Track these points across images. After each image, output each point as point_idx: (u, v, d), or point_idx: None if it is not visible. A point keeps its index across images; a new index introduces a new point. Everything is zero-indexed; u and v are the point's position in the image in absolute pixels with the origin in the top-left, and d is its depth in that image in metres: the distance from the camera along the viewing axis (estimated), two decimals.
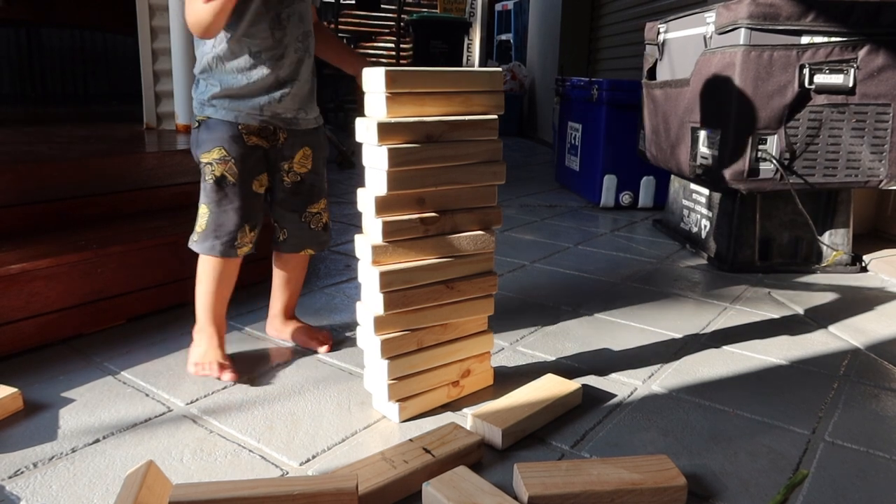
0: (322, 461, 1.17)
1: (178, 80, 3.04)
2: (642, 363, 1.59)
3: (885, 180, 2.24)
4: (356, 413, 1.34)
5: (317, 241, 1.59)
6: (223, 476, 1.12)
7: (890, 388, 1.50)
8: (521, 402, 1.30)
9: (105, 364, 1.51)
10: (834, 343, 1.75)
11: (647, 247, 2.71)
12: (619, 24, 5.42)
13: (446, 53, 7.14)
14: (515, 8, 8.55)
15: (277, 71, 1.40)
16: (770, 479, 1.15)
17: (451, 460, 1.12)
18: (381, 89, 1.18)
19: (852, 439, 1.28)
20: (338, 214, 3.15)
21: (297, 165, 1.51)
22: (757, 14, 2.10)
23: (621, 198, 3.44)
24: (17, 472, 1.12)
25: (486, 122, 1.29)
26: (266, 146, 1.45)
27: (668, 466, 1.10)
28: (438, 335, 1.33)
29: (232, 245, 1.44)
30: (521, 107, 7.37)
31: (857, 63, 2.14)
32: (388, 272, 1.23)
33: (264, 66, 1.38)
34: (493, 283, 1.37)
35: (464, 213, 1.31)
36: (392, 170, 1.20)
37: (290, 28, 1.39)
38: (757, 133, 2.18)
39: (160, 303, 1.82)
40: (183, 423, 1.28)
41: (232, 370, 1.46)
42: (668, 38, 2.74)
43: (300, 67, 1.44)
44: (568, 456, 1.21)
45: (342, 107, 7.84)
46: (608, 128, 3.35)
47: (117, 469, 1.13)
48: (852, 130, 2.20)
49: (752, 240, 2.37)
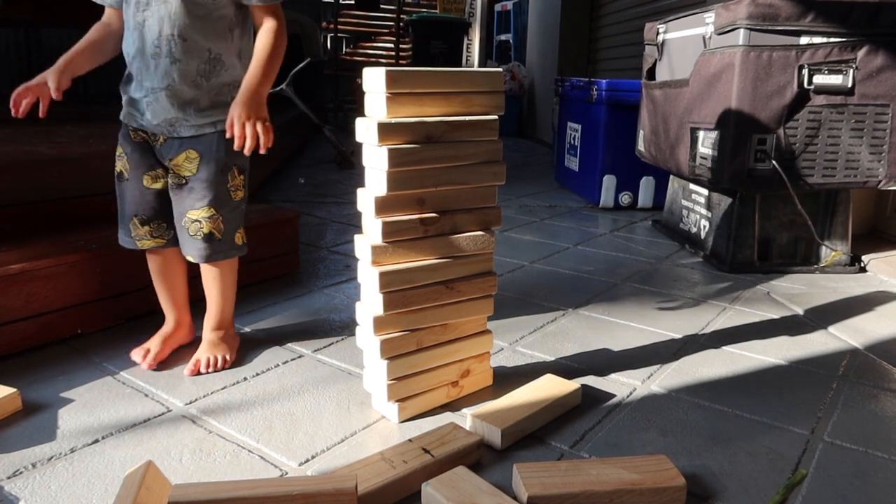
0: (321, 461, 1.17)
1: None
2: (641, 363, 1.60)
3: (884, 180, 2.24)
4: (355, 413, 1.34)
5: (194, 248, 1.46)
6: (222, 476, 1.12)
7: (889, 389, 1.50)
8: (520, 402, 1.31)
9: (104, 364, 1.51)
10: (833, 343, 1.75)
11: (647, 247, 2.72)
12: (619, 24, 5.42)
13: (446, 54, 7.15)
14: (515, 8, 8.55)
15: (140, 77, 1.40)
16: (769, 479, 1.15)
17: (451, 460, 1.12)
18: (381, 89, 1.18)
19: (851, 439, 1.28)
20: (337, 214, 3.15)
21: (180, 168, 1.44)
22: (756, 14, 2.10)
23: (621, 198, 3.45)
24: (16, 473, 1.12)
25: (487, 123, 1.29)
26: (151, 143, 1.46)
27: (667, 467, 1.10)
28: (438, 335, 1.33)
29: (129, 236, 1.50)
30: (521, 107, 7.37)
31: (856, 63, 2.14)
32: (388, 272, 1.23)
33: (131, 70, 1.42)
34: (492, 284, 1.37)
35: (463, 213, 1.31)
36: (392, 170, 1.20)
37: (147, 33, 1.37)
38: (756, 133, 2.18)
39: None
40: (182, 424, 1.28)
41: (150, 358, 1.49)
42: (668, 39, 2.74)
43: (169, 75, 1.37)
44: (567, 456, 1.21)
45: (342, 107, 7.85)
46: (607, 128, 3.35)
47: (116, 469, 1.13)
48: (851, 131, 2.20)
49: (751, 240, 2.38)
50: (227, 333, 1.57)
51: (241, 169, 1.49)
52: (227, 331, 1.58)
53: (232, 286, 1.57)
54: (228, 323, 1.58)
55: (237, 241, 1.52)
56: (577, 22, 6.11)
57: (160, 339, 1.55)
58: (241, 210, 1.52)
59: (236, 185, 1.48)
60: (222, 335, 1.56)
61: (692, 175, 2.48)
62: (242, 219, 1.53)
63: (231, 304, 1.58)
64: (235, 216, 1.50)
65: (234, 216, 1.49)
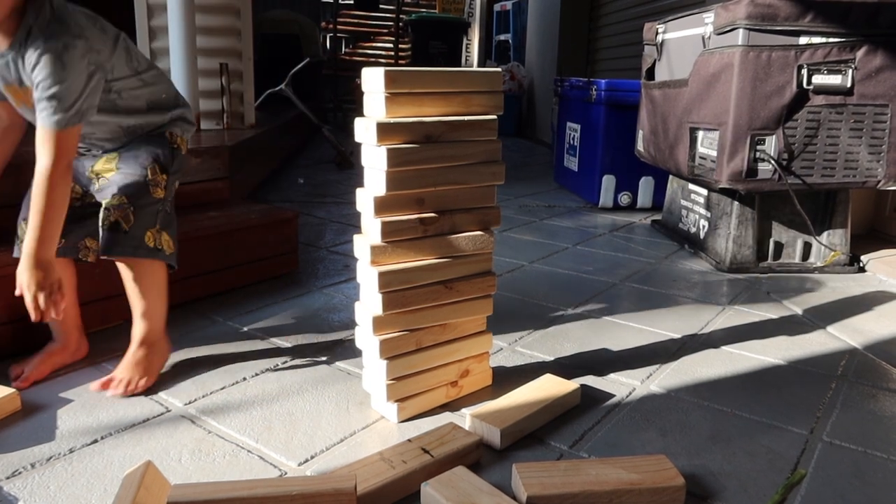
0: (320, 461, 1.17)
1: (177, 79, 3.04)
2: (641, 363, 1.60)
3: (883, 180, 2.24)
4: (355, 413, 1.34)
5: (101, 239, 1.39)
6: (221, 476, 1.12)
7: (888, 388, 1.50)
8: (519, 402, 1.31)
9: (104, 364, 1.51)
10: (832, 343, 1.75)
11: (646, 247, 2.72)
12: (618, 24, 5.42)
13: (445, 54, 7.15)
14: (514, 8, 8.55)
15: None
16: (768, 478, 1.15)
17: (450, 460, 1.12)
18: (380, 89, 1.18)
19: (850, 439, 1.28)
20: (336, 214, 3.15)
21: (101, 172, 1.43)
22: (755, 14, 2.10)
23: (620, 198, 3.45)
24: (15, 473, 1.11)
25: (486, 123, 1.29)
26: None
27: (666, 466, 1.10)
28: (437, 335, 1.33)
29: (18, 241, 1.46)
30: (520, 107, 7.38)
31: (855, 63, 2.14)
32: (387, 272, 1.23)
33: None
34: (491, 284, 1.37)
35: (463, 213, 1.31)
36: (391, 170, 1.20)
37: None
38: (755, 133, 2.18)
39: None
40: (181, 424, 1.28)
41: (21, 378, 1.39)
42: (667, 39, 2.74)
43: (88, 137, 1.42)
44: (566, 456, 1.21)
45: (341, 107, 7.85)
46: (607, 128, 3.35)
47: (115, 469, 1.13)
48: (850, 131, 2.20)
49: (750, 240, 2.38)
50: (154, 348, 1.44)
51: (162, 167, 1.43)
52: (154, 345, 1.45)
53: (157, 297, 1.44)
54: (155, 337, 1.45)
55: (147, 241, 1.38)
56: (576, 22, 6.12)
57: (39, 358, 1.46)
58: (160, 211, 1.42)
59: (156, 182, 1.41)
60: (145, 353, 1.43)
61: (691, 175, 2.48)
62: (161, 222, 1.42)
63: (158, 316, 1.45)
64: (149, 213, 1.39)
65: (148, 213, 1.39)
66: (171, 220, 1.47)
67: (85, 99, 1.27)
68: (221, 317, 1.83)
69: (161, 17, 3.08)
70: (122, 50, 1.37)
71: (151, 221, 1.40)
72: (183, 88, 3.04)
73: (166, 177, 1.44)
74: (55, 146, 1.25)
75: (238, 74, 3.39)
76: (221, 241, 2.00)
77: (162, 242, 1.42)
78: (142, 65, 1.42)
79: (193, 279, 1.92)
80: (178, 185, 1.52)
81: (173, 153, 1.48)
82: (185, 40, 2.99)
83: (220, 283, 2.00)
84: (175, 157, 1.48)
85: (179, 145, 1.51)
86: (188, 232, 1.93)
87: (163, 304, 1.47)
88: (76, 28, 1.25)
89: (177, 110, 1.51)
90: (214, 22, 3.27)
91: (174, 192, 1.50)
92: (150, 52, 3.15)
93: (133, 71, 1.40)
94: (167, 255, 1.43)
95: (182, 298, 1.90)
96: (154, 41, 3.15)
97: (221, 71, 3.26)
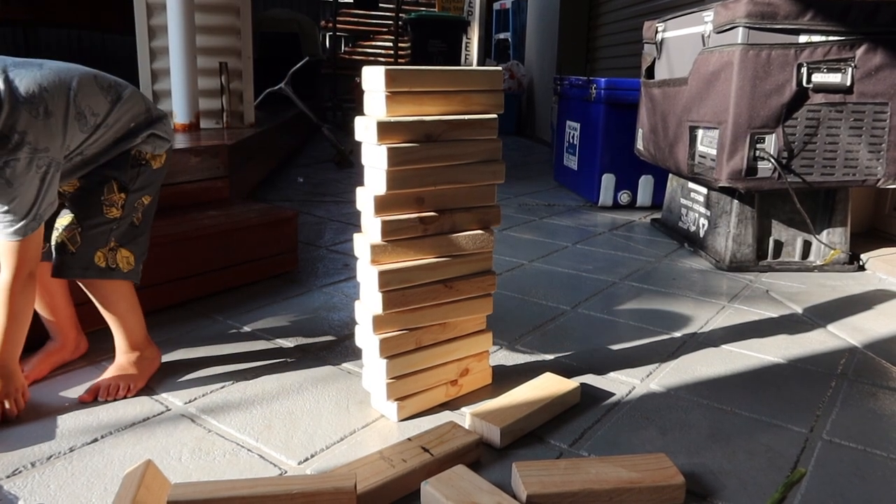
0: (320, 460, 1.17)
1: (176, 79, 3.04)
2: (640, 362, 1.60)
3: (883, 179, 2.24)
4: (355, 412, 1.34)
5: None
6: (222, 475, 1.12)
7: (888, 387, 1.50)
8: (519, 400, 1.31)
9: (104, 363, 1.51)
10: (832, 342, 1.75)
11: (646, 246, 2.72)
12: (618, 22, 5.42)
13: (445, 52, 7.15)
14: (514, 7, 8.54)
15: None
16: (768, 477, 1.15)
17: (450, 459, 1.12)
18: (380, 88, 1.18)
19: (850, 438, 1.28)
20: (336, 213, 3.15)
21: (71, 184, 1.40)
22: (755, 13, 2.10)
23: (619, 197, 3.45)
24: (15, 472, 1.12)
25: (486, 122, 1.29)
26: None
27: (666, 465, 1.10)
28: (437, 334, 1.33)
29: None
30: (520, 106, 7.37)
31: (854, 62, 2.14)
32: (387, 271, 1.23)
33: None
34: (491, 283, 1.37)
35: (463, 212, 1.31)
36: (391, 169, 1.20)
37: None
38: (755, 132, 2.18)
39: (159, 302, 1.82)
40: (181, 423, 1.28)
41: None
42: (667, 37, 2.74)
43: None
44: (566, 455, 1.21)
45: (340, 105, 7.85)
46: (606, 127, 3.35)
47: (115, 468, 1.13)
48: (850, 129, 2.20)
49: (749, 238, 2.38)
50: (142, 355, 1.44)
51: (121, 185, 1.37)
52: (142, 352, 1.44)
53: (126, 310, 1.42)
54: (141, 344, 1.45)
55: (98, 261, 1.34)
56: (575, 20, 6.11)
57: (39, 357, 1.45)
58: (115, 229, 1.37)
59: (111, 201, 1.37)
60: (135, 358, 1.43)
61: (691, 173, 2.48)
62: (119, 239, 1.38)
63: (131, 327, 1.43)
64: (99, 233, 1.35)
65: (98, 233, 1.34)
66: (133, 236, 1.41)
67: (42, 201, 1.22)
68: (221, 316, 1.83)
69: (160, 16, 3.08)
70: (73, 121, 1.27)
71: (102, 241, 1.35)
72: (182, 87, 3.04)
73: (125, 196, 1.39)
74: (16, 258, 1.23)
75: (237, 73, 3.39)
76: (221, 241, 2.00)
77: (118, 260, 1.38)
78: (100, 114, 1.32)
79: (193, 278, 1.92)
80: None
81: (140, 170, 1.41)
82: (185, 39, 2.99)
83: (220, 283, 2.00)
84: (141, 175, 1.41)
85: (149, 161, 1.43)
86: (188, 231, 1.93)
87: (135, 315, 1.45)
88: (17, 137, 1.17)
89: (147, 129, 1.42)
90: (214, 21, 3.26)
91: (146, 205, 1.44)
92: (149, 51, 3.15)
93: (92, 128, 1.32)
94: (123, 274, 1.39)
95: (181, 297, 1.90)
96: (153, 40, 3.15)
97: (221, 70, 3.26)
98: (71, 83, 1.27)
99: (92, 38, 7.14)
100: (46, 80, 1.24)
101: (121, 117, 1.36)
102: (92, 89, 1.32)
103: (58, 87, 1.25)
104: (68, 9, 5.49)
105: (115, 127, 1.36)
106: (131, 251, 1.41)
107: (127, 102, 1.38)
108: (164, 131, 1.46)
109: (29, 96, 1.20)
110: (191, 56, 3.03)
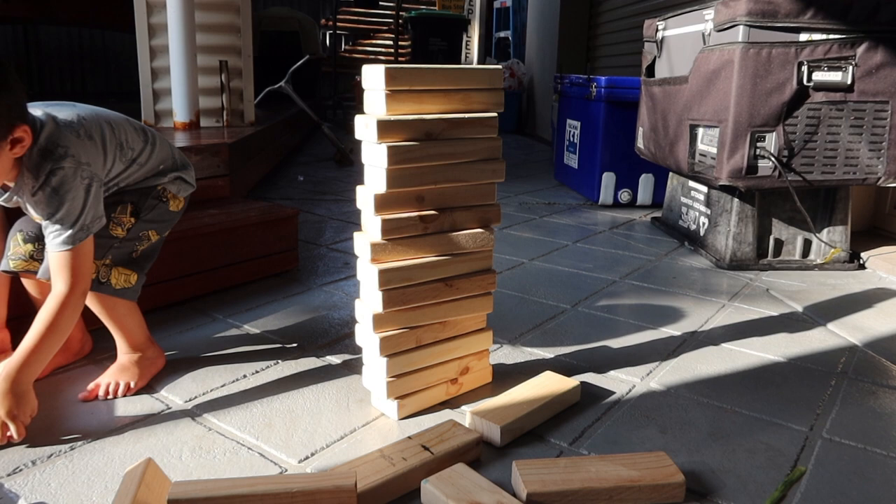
0: (321, 458, 1.17)
1: (176, 77, 3.04)
2: (640, 360, 1.60)
3: (883, 177, 2.24)
4: (355, 410, 1.34)
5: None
6: (222, 473, 1.12)
7: (888, 385, 1.50)
8: (519, 399, 1.31)
9: (104, 362, 1.51)
10: (832, 340, 1.75)
11: (646, 244, 2.72)
12: (618, 21, 5.42)
13: (445, 51, 7.15)
14: (514, 5, 8.53)
15: None
16: (768, 475, 1.15)
17: (450, 457, 1.12)
18: (380, 86, 1.18)
19: (850, 436, 1.28)
20: (336, 212, 3.15)
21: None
22: (755, 11, 2.10)
23: (620, 195, 3.45)
24: (16, 470, 1.12)
25: (486, 120, 1.29)
26: None
27: (666, 463, 1.10)
28: (437, 333, 1.34)
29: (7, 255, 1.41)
30: (520, 104, 7.37)
31: (855, 60, 2.14)
32: (387, 270, 1.23)
33: None
34: (491, 281, 1.37)
35: (463, 210, 1.31)
36: (391, 167, 1.20)
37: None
38: (755, 130, 2.18)
39: (159, 300, 1.82)
40: (182, 421, 1.28)
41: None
42: (667, 36, 2.74)
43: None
44: (566, 453, 1.21)
45: (340, 104, 7.85)
46: (606, 125, 3.35)
47: (116, 466, 1.13)
48: (850, 128, 2.20)
49: (750, 237, 2.38)
50: (143, 355, 1.44)
51: (135, 209, 1.41)
52: (144, 352, 1.45)
53: (123, 315, 1.42)
54: (142, 345, 1.45)
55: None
56: (576, 19, 6.11)
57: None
58: (113, 247, 1.38)
59: (120, 221, 1.40)
60: (137, 358, 1.43)
61: (691, 172, 2.48)
62: (115, 258, 1.39)
63: (130, 330, 1.44)
64: (97, 246, 1.32)
65: (96, 245, 1.32)
66: (128, 262, 1.41)
67: (88, 212, 1.24)
68: (221, 314, 1.83)
69: (160, 15, 3.07)
70: (114, 148, 1.33)
71: (99, 253, 1.34)
72: (182, 85, 3.04)
73: (134, 220, 1.41)
74: (70, 270, 1.23)
75: (238, 72, 3.39)
76: (221, 239, 2.00)
77: (111, 276, 1.38)
78: (136, 149, 1.39)
79: (193, 277, 1.92)
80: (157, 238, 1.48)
81: (158, 204, 1.45)
82: (185, 37, 2.99)
83: (220, 281, 2.00)
84: (157, 208, 1.45)
85: (169, 199, 1.48)
86: (188, 230, 1.93)
87: (133, 318, 1.44)
88: (60, 150, 1.21)
89: (175, 172, 1.48)
90: (214, 19, 3.26)
91: (151, 242, 1.46)
92: (149, 49, 3.15)
93: (129, 162, 1.38)
94: (114, 290, 1.38)
95: (182, 296, 1.90)
96: (153, 38, 3.15)
97: (221, 68, 3.26)
98: (107, 118, 1.36)
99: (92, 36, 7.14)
100: (84, 112, 1.32)
101: (151, 157, 1.43)
102: (126, 126, 1.39)
103: (95, 119, 1.32)
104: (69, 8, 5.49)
105: (147, 167, 1.43)
106: (124, 274, 1.40)
107: (157, 145, 1.46)
108: (189, 177, 1.53)
109: (69, 122, 1.27)
110: (191, 54, 3.03)
